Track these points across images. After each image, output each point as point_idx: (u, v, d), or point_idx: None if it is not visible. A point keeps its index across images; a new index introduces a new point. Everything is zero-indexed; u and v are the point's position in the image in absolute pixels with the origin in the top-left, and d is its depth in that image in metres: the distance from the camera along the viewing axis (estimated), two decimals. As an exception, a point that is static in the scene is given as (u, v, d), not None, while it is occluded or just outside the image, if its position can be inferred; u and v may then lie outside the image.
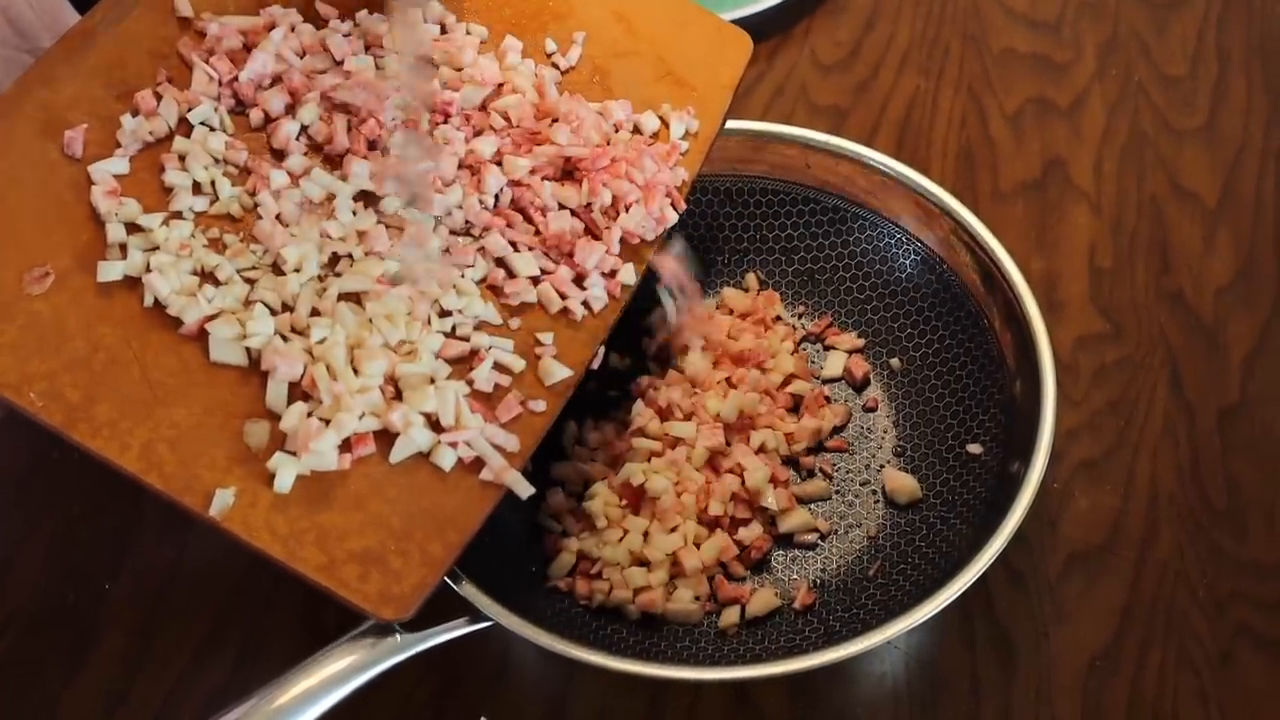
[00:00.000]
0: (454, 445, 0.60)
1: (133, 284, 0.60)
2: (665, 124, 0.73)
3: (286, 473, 0.57)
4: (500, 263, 0.66)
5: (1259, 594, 0.70)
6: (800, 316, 0.82)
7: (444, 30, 0.72)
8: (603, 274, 0.67)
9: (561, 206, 0.68)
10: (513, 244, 0.66)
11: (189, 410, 0.58)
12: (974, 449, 0.72)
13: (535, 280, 0.66)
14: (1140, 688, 0.67)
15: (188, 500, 0.56)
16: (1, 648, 0.70)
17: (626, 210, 0.68)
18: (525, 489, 0.61)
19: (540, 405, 0.63)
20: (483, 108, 0.70)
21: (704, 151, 0.74)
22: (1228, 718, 0.66)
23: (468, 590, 0.60)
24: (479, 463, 0.61)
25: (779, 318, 0.81)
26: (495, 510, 0.61)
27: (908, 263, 0.79)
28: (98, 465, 0.56)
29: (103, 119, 0.62)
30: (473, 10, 0.73)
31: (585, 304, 0.66)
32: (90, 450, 0.56)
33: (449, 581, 0.60)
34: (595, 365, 0.66)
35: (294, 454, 0.58)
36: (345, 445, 0.59)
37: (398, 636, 0.58)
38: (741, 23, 1.00)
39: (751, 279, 0.83)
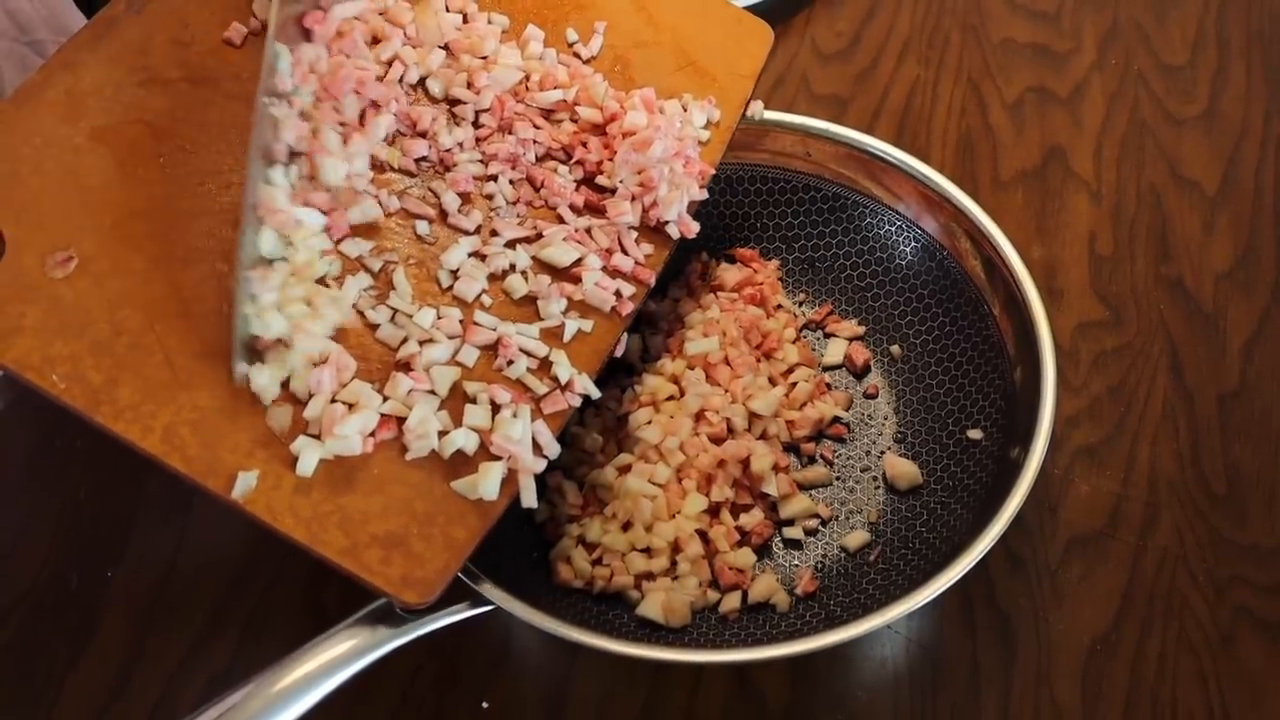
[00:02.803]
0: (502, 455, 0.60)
1: (154, 267, 0.60)
2: (685, 112, 0.73)
3: (310, 456, 0.57)
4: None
5: (1258, 578, 0.71)
6: (801, 304, 0.82)
7: (465, 19, 0.72)
8: (636, 261, 0.68)
9: (600, 190, 0.69)
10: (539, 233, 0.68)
11: (211, 393, 0.58)
12: (974, 435, 0.72)
13: (573, 271, 0.67)
14: (1140, 671, 0.68)
15: (210, 483, 0.56)
16: (6, 631, 0.71)
17: (661, 196, 0.69)
18: (531, 499, 0.61)
19: (576, 400, 0.63)
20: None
21: (725, 142, 0.74)
22: (1228, 700, 0.66)
23: (469, 575, 0.60)
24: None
25: (780, 305, 0.81)
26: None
27: (908, 250, 0.80)
28: (102, 451, 0.57)
29: (125, 105, 0.63)
30: (493, 2, 0.73)
31: (616, 292, 0.67)
32: (113, 433, 0.56)
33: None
34: (619, 353, 0.67)
35: (317, 437, 0.58)
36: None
37: (399, 620, 0.58)
38: (742, 12, 1.00)
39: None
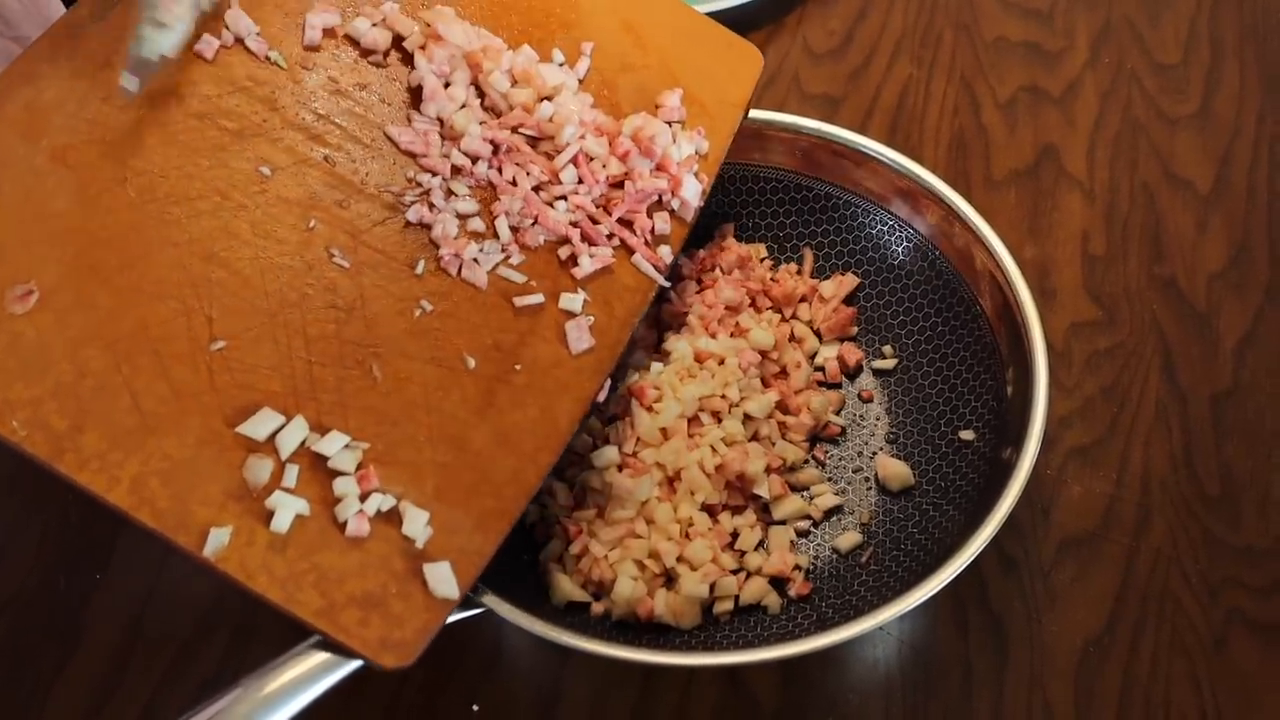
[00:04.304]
0: None
1: (120, 302, 0.57)
2: (675, 142, 0.72)
3: (285, 512, 0.56)
4: None
5: (1251, 579, 0.70)
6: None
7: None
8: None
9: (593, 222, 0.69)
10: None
11: (182, 441, 0.55)
12: (966, 436, 0.72)
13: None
14: (1133, 672, 0.67)
15: (181, 539, 0.54)
16: (-8, 637, 0.70)
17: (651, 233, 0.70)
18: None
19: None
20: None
21: (713, 174, 0.73)
22: (1220, 702, 0.66)
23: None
24: None
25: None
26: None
27: (900, 250, 0.79)
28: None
29: (88, 122, 0.59)
30: (479, 17, 0.71)
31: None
32: (77, 484, 0.53)
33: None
34: (601, 399, 0.66)
35: (293, 491, 0.56)
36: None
37: (389, 624, 0.58)
38: (734, 12, 1.00)
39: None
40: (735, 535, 0.70)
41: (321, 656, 0.56)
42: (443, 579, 0.57)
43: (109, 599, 0.71)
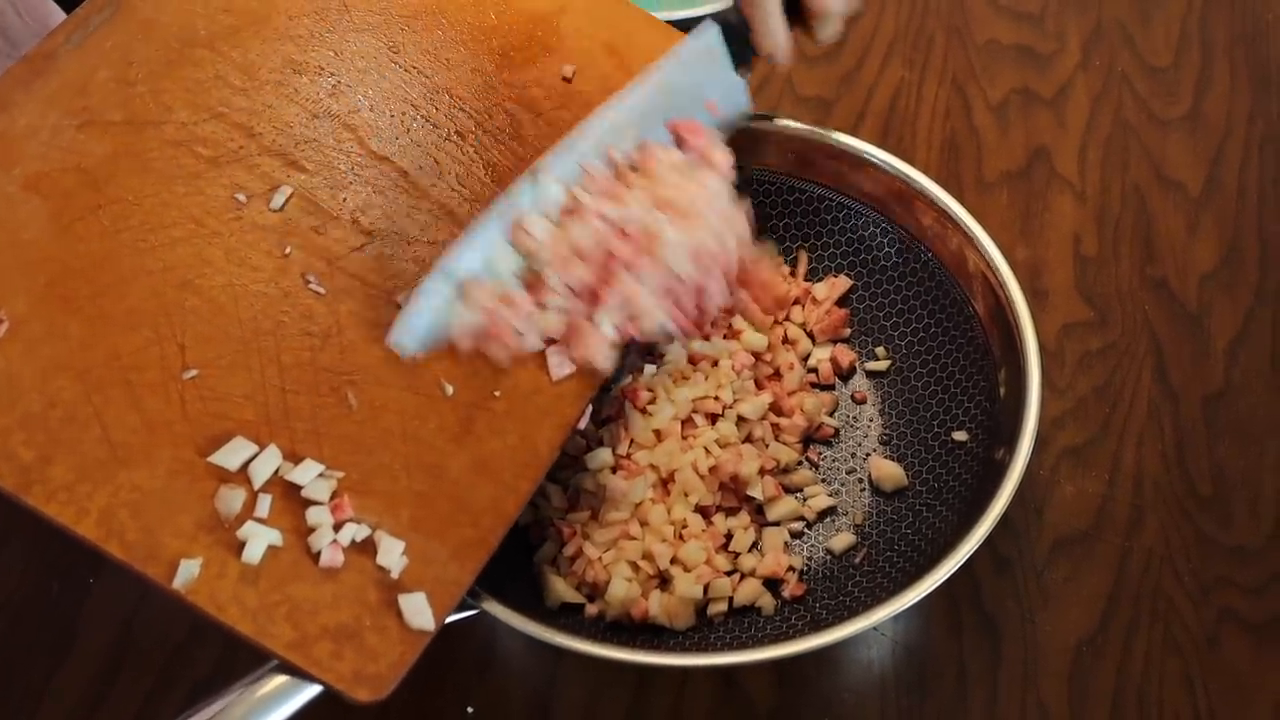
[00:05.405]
0: None
1: (92, 332, 0.56)
2: None
3: (257, 543, 0.54)
4: None
5: (1244, 578, 0.71)
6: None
7: None
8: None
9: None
10: None
11: (152, 472, 0.54)
12: (959, 436, 0.72)
13: None
14: (1127, 672, 0.68)
15: (151, 571, 0.53)
16: (-16, 642, 0.70)
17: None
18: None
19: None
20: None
21: None
22: (1213, 701, 0.66)
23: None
24: None
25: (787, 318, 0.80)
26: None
27: (893, 251, 0.79)
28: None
29: (62, 150, 0.58)
30: (458, 41, 0.70)
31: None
32: (44, 516, 0.53)
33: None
34: (582, 425, 0.65)
35: (265, 522, 0.55)
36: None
37: (382, 625, 0.58)
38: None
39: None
40: (729, 537, 0.70)
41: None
42: (418, 610, 0.56)
43: (101, 604, 0.71)
